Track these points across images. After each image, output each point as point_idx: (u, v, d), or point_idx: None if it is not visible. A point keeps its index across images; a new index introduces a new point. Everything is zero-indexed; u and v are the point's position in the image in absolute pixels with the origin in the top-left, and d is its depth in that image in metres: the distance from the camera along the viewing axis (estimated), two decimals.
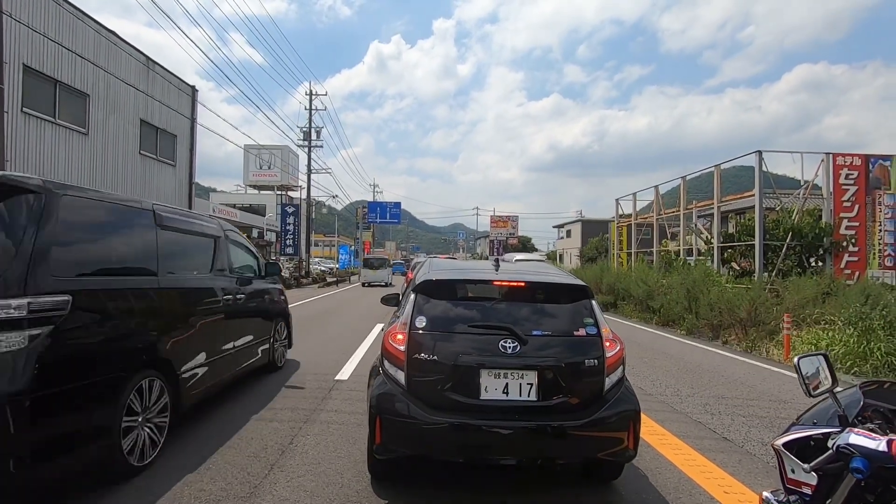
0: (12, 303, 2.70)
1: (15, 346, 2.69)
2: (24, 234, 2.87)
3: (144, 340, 3.66)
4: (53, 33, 10.17)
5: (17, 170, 9.27)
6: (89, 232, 3.43)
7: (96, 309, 3.25)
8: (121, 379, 3.36)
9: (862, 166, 14.24)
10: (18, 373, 2.68)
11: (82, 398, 3.05)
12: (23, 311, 2.72)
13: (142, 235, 3.90)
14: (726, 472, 3.86)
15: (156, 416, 3.73)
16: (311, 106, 32.26)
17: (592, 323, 3.28)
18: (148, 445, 3.60)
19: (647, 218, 22.67)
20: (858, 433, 1.41)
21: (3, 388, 2.63)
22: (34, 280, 2.81)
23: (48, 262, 2.91)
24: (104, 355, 3.26)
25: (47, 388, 2.79)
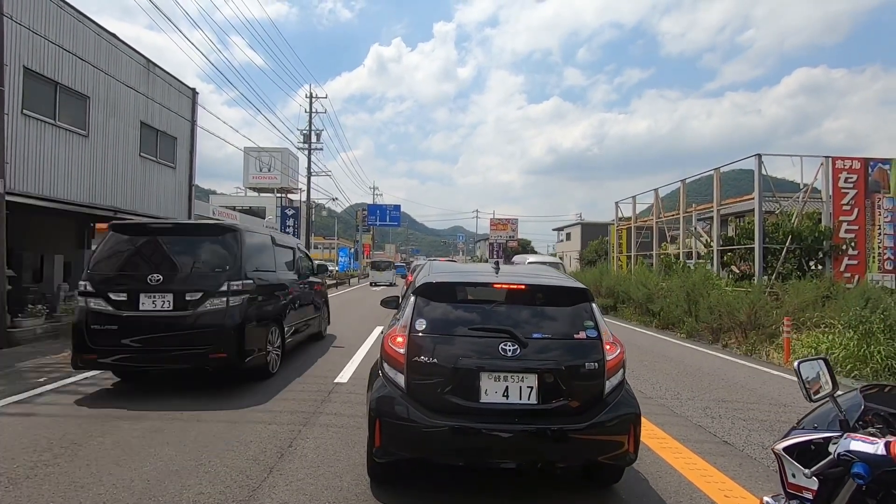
0: (237, 284, 5.73)
1: (237, 302, 5.67)
2: (236, 252, 5.90)
3: (273, 306, 6.68)
4: (54, 35, 10.18)
5: (17, 171, 9.27)
6: (253, 251, 6.36)
7: (258, 289, 6.17)
8: (267, 324, 6.41)
9: (861, 170, 14.26)
10: (239, 314, 5.66)
11: (256, 331, 6.02)
12: (240, 287, 5.75)
13: (270, 251, 7.10)
14: (727, 476, 3.85)
15: (275, 350, 6.59)
16: (311, 108, 32.30)
17: (593, 326, 3.27)
18: (273, 363, 6.55)
19: (647, 221, 22.68)
20: (858, 438, 1.41)
21: (235, 321, 5.61)
22: (242, 274, 5.83)
23: (244, 265, 5.89)
24: (261, 310, 6.24)
25: (246, 322, 5.73)
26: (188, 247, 6.02)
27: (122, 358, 5.53)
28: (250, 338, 5.83)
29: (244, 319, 5.71)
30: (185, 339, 5.48)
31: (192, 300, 5.55)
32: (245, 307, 5.77)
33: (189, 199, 16.02)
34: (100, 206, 11.88)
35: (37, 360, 7.61)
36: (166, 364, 5.71)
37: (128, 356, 5.50)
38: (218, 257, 5.89)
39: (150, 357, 5.57)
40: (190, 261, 5.86)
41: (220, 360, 5.52)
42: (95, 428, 4.50)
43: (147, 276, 5.56)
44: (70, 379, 6.34)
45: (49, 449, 4.00)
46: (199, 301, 5.56)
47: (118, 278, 5.68)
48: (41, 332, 9.31)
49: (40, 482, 3.41)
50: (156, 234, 6.13)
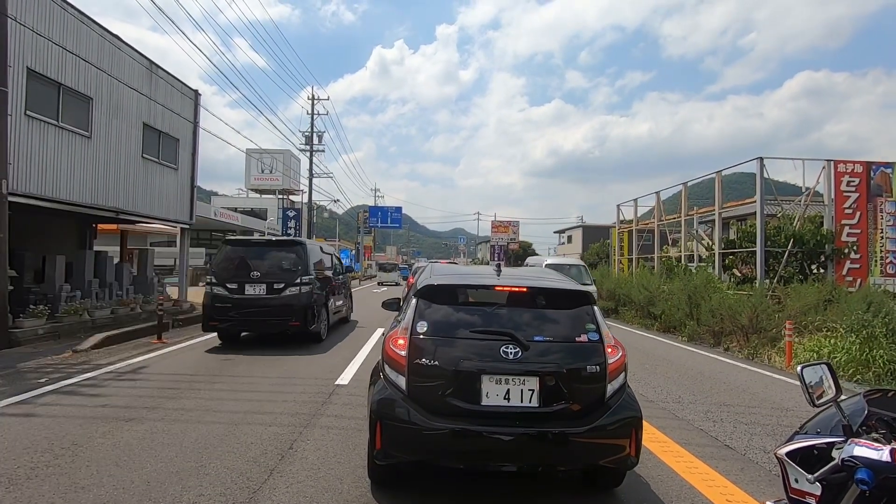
0: (305, 278, 8.88)
1: (307, 290, 8.81)
2: (303, 257, 9.02)
3: (324, 293, 9.60)
4: (57, 37, 10.21)
5: (19, 172, 9.29)
6: (312, 256, 9.30)
7: (317, 281, 9.18)
8: (321, 305, 9.31)
9: (863, 173, 14.23)
10: (307, 298, 8.80)
11: (316, 309, 8.98)
12: (307, 280, 8.90)
13: (320, 257, 10.12)
14: (728, 480, 3.84)
15: (325, 323, 9.52)
16: (312, 110, 32.37)
17: (594, 329, 3.26)
18: (324, 331, 9.48)
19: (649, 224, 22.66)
20: (862, 444, 1.40)
21: (304, 302, 8.74)
22: (308, 271, 8.95)
23: (309, 265, 9.02)
24: (319, 295, 9.24)
25: (309, 302, 8.79)
26: (274, 254, 9.19)
27: (231, 324, 8.83)
28: (313, 313, 9.02)
29: (310, 301, 8.94)
30: (274, 313, 8.66)
31: (278, 288, 8.75)
32: (310, 293, 8.96)
33: (191, 201, 16.03)
34: (102, 206, 11.90)
35: (38, 360, 7.62)
36: (261, 329, 9.11)
37: (235, 323, 8.83)
38: (292, 261, 9.04)
39: (251, 324, 8.92)
40: (276, 263, 9.02)
41: (296, 326, 8.74)
42: (96, 429, 4.50)
43: (249, 272, 8.77)
44: (71, 380, 6.35)
45: (50, 449, 4.00)
46: (283, 289, 8.76)
47: (232, 274, 8.85)
48: (43, 333, 9.32)
49: (41, 483, 3.41)
50: (253, 246, 9.72)
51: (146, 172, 13.59)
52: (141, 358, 7.87)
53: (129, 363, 7.46)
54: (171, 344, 9.19)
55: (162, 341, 9.33)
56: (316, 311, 9.14)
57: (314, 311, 9.06)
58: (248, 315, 8.69)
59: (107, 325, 10.65)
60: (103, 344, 8.77)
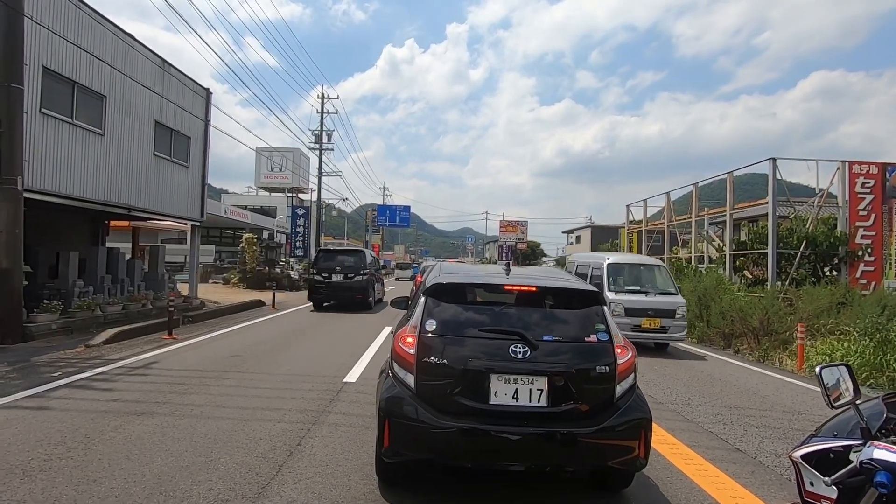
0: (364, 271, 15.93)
1: (365, 278, 15.66)
2: (364, 258, 16.30)
3: (372, 279, 16.68)
4: (72, 36, 10.34)
5: (34, 169, 9.42)
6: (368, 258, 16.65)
7: (370, 273, 16.23)
8: (372, 287, 16.49)
9: (878, 175, 14.01)
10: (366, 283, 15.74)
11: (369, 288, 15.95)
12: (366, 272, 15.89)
13: (370, 257, 17.63)
14: (738, 484, 3.80)
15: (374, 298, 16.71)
16: (322, 109, 32.51)
17: (604, 329, 3.24)
18: (372, 302, 16.36)
19: (658, 224, 22.48)
20: (882, 447, 1.38)
21: (363, 285, 15.65)
22: (365, 267, 15.94)
23: (366, 264, 16.05)
24: (370, 281, 16.12)
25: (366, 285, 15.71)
26: (347, 257, 16.07)
27: (323, 297, 15.47)
28: (367, 291, 15.60)
29: (366, 284, 15.48)
30: (347, 290, 15.32)
31: (350, 276, 15.26)
32: (366, 280, 15.48)
33: (202, 198, 16.17)
34: (114, 203, 12.04)
35: (51, 354, 7.73)
36: (339, 300, 15.46)
37: (325, 296, 15.49)
38: (357, 261, 15.78)
39: (334, 297, 15.47)
40: (350, 261, 15.71)
41: (359, 298, 15.35)
42: (108, 423, 4.56)
43: (335, 267, 15.41)
44: (83, 374, 6.43)
45: (63, 442, 4.05)
46: (353, 277, 15.29)
47: (324, 268, 15.49)
48: (56, 328, 9.45)
49: (54, 475, 3.46)
50: (336, 252, 16.96)
51: (158, 170, 13.73)
52: (152, 353, 7.95)
53: (140, 358, 7.54)
54: (182, 340, 9.28)
55: (172, 337, 9.42)
56: (369, 291, 15.98)
57: (368, 290, 15.88)
58: (333, 291, 15.52)
59: (118, 321, 10.78)
60: (115, 339, 8.88)
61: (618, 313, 9.24)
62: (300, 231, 31.49)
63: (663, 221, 21.58)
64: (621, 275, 10.36)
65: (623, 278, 10.31)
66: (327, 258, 16.06)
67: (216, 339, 9.68)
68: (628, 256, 13.37)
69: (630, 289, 9.96)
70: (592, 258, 11.69)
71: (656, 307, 9.47)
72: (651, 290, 9.92)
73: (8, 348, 8.06)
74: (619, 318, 9.09)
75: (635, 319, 9.39)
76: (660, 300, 9.63)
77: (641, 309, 9.45)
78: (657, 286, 10.19)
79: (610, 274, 10.15)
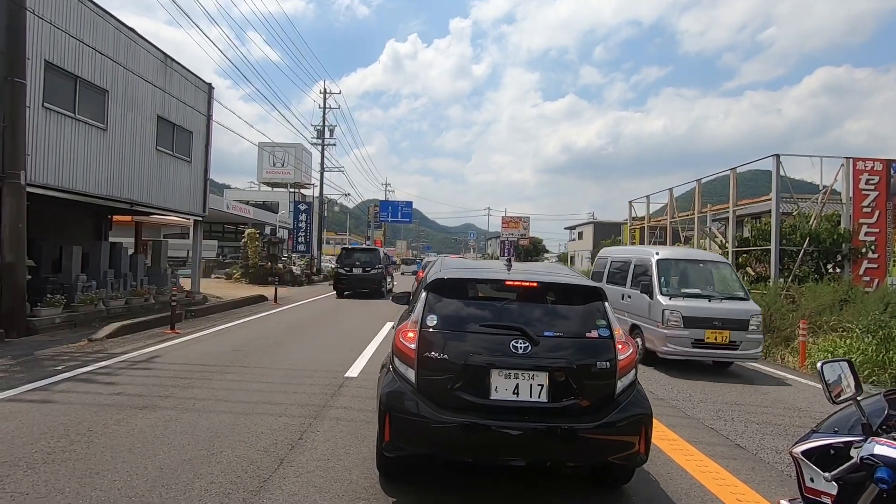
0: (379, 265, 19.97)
1: (379, 272, 19.55)
2: (379, 255, 20.48)
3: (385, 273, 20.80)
4: (75, 30, 10.33)
5: (37, 163, 9.44)
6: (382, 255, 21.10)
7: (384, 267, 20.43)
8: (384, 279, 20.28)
9: (883, 171, 13.92)
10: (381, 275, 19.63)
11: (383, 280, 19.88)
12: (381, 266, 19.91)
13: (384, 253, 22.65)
14: (739, 480, 3.80)
15: (386, 287, 20.44)
16: (324, 104, 32.44)
17: (605, 325, 3.24)
18: (385, 293, 19.62)
19: (661, 221, 22.42)
20: (883, 442, 1.37)
21: (378, 277, 19.26)
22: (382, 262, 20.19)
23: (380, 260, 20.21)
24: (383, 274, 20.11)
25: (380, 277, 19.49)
26: (365, 254, 20.18)
27: (345, 287, 18.88)
28: (381, 283, 19.44)
29: (380, 277, 19.27)
30: (366, 281, 18.89)
31: (367, 270, 18.93)
32: (380, 273, 19.28)
33: (204, 193, 16.18)
34: (117, 198, 12.06)
35: (55, 348, 7.77)
36: (358, 289, 18.86)
37: (347, 286, 18.90)
38: (373, 257, 19.74)
39: (355, 286, 18.86)
40: (367, 258, 19.58)
41: (374, 288, 18.99)
42: (111, 416, 4.58)
43: (355, 262, 19.18)
44: (86, 368, 6.46)
45: (66, 435, 4.08)
46: (370, 271, 18.93)
47: (347, 262, 19.25)
48: (59, 322, 9.50)
49: (57, 467, 3.48)
50: (356, 251, 20.58)
51: (160, 165, 13.74)
52: (154, 347, 7.99)
53: (143, 352, 7.58)
54: (184, 334, 9.31)
55: (175, 332, 9.46)
56: (383, 282, 19.76)
57: (382, 282, 19.59)
58: (353, 282, 18.90)
59: (121, 315, 10.82)
60: (118, 333, 8.92)
61: (673, 324, 7.56)
62: (302, 226, 31.52)
63: (666, 218, 21.52)
64: (675, 274, 8.48)
65: (678, 278, 8.43)
66: (348, 255, 19.86)
67: (218, 333, 9.71)
68: (681, 251, 10.90)
69: (688, 292, 8.03)
70: (634, 253, 9.54)
71: (724, 316, 7.54)
72: (715, 294, 7.99)
73: (12, 342, 8.10)
74: (675, 331, 7.50)
75: (696, 332, 7.46)
76: (728, 307, 7.71)
77: (705, 318, 7.49)
78: (722, 288, 8.29)
79: (661, 273, 8.19)
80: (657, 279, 8.09)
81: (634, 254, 9.40)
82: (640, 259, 8.83)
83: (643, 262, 8.65)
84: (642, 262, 8.69)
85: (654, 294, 7.94)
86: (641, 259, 8.80)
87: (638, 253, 9.34)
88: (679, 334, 7.50)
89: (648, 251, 8.88)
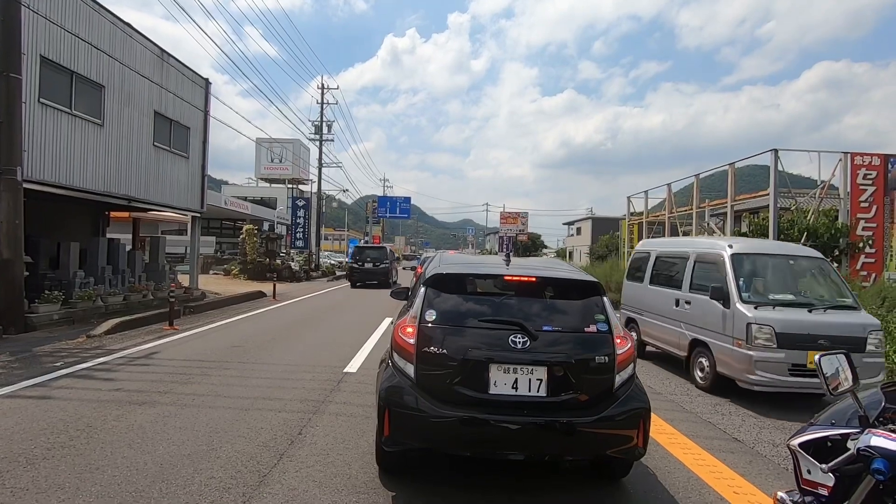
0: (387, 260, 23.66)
1: (387, 266, 23.15)
2: (388, 252, 24.41)
3: (392, 267, 23.91)
4: (70, 25, 10.26)
5: (33, 159, 9.40)
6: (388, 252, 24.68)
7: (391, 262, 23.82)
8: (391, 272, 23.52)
9: (881, 166, 13.94)
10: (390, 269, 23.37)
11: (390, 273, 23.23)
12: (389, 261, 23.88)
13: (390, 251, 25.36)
14: (736, 473, 3.83)
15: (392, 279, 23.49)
16: (322, 100, 32.33)
17: (604, 319, 3.25)
18: (392, 284, 21.52)
19: (659, 216, 22.44)
20: (880, 434, 1.38)
21: (386, 271, 22.73)
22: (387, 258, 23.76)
23: (388, 255, 23.99)
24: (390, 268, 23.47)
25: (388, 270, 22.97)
26: (375, 250, 23.81)
27: (357, 279, 22.21)
28: (389, 275, 22.76)
29: (388, 270, 22.70)
30: (376, 273, 22.28)
31: (377, 264, 22.40)
32: (388, 267, 22.69)
33: (202, 189, 16.14)
34: (114, 194, 12.03)
35: (53, 344, 7.76)
36: (369, 281, 22.14)
37: (360, 279, 22.22)
38: (382, 253, 23.25)
39: (367, 278, 22.19)
40: (376, 254, 23.09)
41: (383, 279, 22.11)
42: (110, 412, 4.59)
43: (366, 257, 22.61)
44: (85, 364, 6.46)
45: (65, 431, 4.08)
46: (379, 265, 22.42)
47: (359, 258, 22.69)
48: (57, 318, 9.49)
49: (57, 463, 3.49)
50: (367, 248, 24.49)
51: (157, 160, 13.69)
52: (153, 344, 7.98)
53: (142, 348, 7.58)
54: (183, 330, 9.31)
55: (173, 328, 9.45)
56: (390, 275, 22.73)
57: (389, 274, 22.62)
58: (365, 274, 21.99)
59: (119, 312, 10.81)
60: (116, 329, 8.92)
61: (763, 343, 5.56)
62: (300, 222, 31.47)
63: (664, 213, 21.54)
64: (758, 273, 6.43)
65: (762, 280, 6.38)
66: (361, 251, 23.43)
67: (217, 329, 9.71)
68: (762, 243, 8.30)
69: (778, 299, 6.03)
70: (693, 246, 7.39)
71: (833, 332, 5.58)
72: (815, 302, 6.04)
73: (10, 338, 8.09)
74: (766, 353, 5.53)
75: (796, 354, 5.48)
76: (835, 320, 5.79)
77: (807, 336, 5.51)
78: (823, 294, 6.34)
79: (739, 272, 6.20)
80: (734, 281, 6.08)
81: (694, 247, 7.33)
82: (706, 253, 6.84)
83: (710, 257, 6.67)
84: (709, 258, 6.69)
85: (732, 301, 5.93)
86: (707, 253, 6.79)
87: (700, 246, 7.24)
88: (772, 357, 5.51)
89: (716, 244, 6.88)
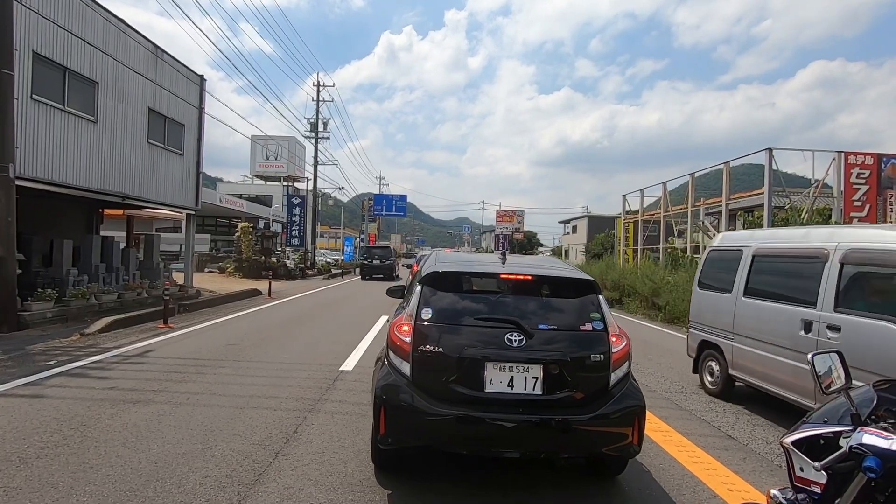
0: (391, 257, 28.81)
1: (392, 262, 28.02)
2: (392, 250, 30.95)
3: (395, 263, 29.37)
4: (63, 20, 10.17)
5: (25, 156, 9.32)
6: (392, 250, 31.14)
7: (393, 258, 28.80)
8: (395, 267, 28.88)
9: (874, 165, 14.06)
10: (394, 265, 28.58)
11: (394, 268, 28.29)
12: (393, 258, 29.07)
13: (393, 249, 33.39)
14: (730, 470, 3.85)
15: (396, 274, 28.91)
16: (318, 97, 32.21)
17: (599, 318, 3.26)
18: (396, 277, 27.70)
19: (655, 214, 22.53)
20: (871, 432, 1.40)
21: (391, 265, 27.49)
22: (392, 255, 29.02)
23: (392, 253, 29.65)
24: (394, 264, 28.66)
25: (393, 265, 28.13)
26: (381, 248, 29.68)
27: (367, 272, 26.94)
28: (394, 270, 27.59)
29: (393, 265, 27.54)
30: (382, 268, 26.65)
31: (385, 260, 27.06)
32: (393, 263, 27.53)
33: (196, 187, 16.06)
34: (108, 191, 11.95)
35: (46, 343, 7.71)
36: (377, 273, 26.47)
37: (369, 272, 26.80)
38: (388, 252, 28.57)
39: (375, 272, 26.54)
40: (383, 252, 28.16)
41: (388, 273, 26.75)
42: (104, 410, 4.56)
43: (374, 254, 27.68)
44: (79, 362, 6.42)
45: (59, 430, 4.06)
46: (386, 261, 27.03)
47: (369, 255, 27.92)
48: (51, 316, 9.42)
49: (50, 462, 3.47)
50: (375, 248, 29.84)
51: (152, 158, 13.60)
52: (147, 342, 7.95)
53: (136, 347, 7.54)
54: (177, 329, 9.27)
55: (168, 326, 9.41)
56: (394, 269, 27.31)
57: (394, 269, 27.22)
58: (373, 269, 26.39)
59: (113, 310, 10.75)
60: (110, 328, 8.87)
61: None
62: (296, 220, 31.39)
63: (660, 211, 21.63)
64: None
65: None
66: (369, 250, 28.49)
67: (212, 327, 9.68)
68: None
69: None
70: (828, 239, 4.71)
71: None
72: None
73: (3, 337, 8.03)
74: None
75: None
76: None
77: None
78: None
79: None
80: None
81: (832, 240, 4.66)
82: (863, 253, 4.33)
83: (875, 256, 4.21)
84: (873, 258, 4.24)
85: None
86: (866, 253, 4.30)
87: (851, 238, 4.52)
88: None
89: (876, 235, 4.35)
